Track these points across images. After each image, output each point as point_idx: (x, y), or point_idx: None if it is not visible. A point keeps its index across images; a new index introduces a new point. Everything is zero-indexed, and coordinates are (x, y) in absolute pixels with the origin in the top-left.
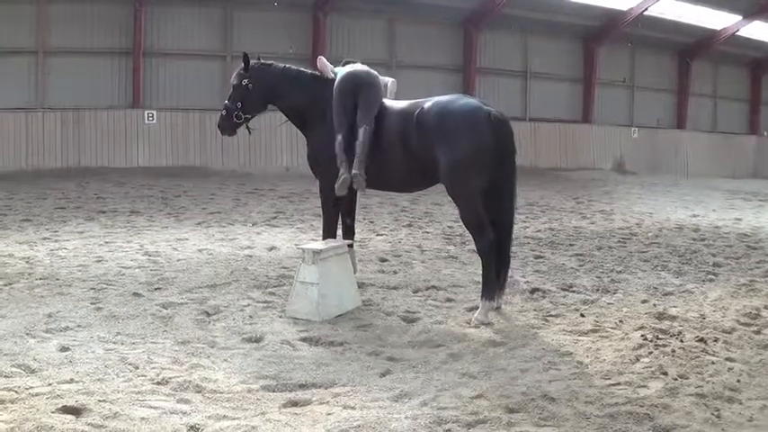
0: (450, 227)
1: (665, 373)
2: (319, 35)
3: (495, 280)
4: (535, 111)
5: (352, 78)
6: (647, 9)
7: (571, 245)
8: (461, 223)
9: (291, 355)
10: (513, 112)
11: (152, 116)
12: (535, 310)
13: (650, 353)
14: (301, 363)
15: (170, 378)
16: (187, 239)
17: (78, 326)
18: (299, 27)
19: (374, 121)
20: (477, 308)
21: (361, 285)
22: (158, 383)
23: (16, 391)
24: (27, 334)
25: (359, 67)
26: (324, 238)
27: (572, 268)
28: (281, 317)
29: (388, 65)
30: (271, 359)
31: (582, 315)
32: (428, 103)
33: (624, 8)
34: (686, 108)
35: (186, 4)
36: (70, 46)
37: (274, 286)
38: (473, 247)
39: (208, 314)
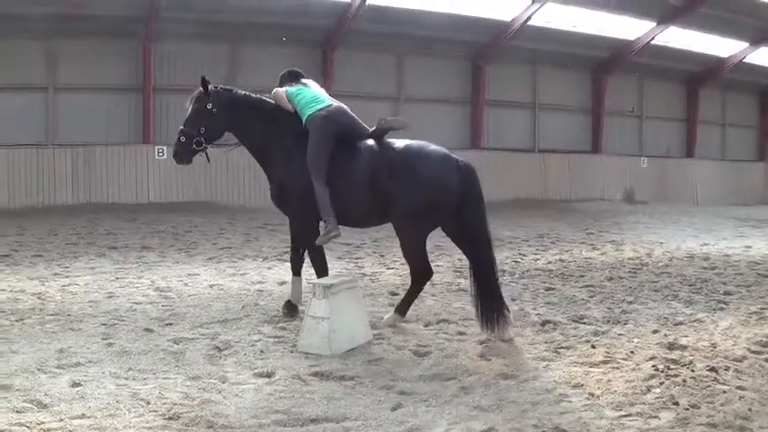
0: (460, 260)
1: (677, 403)
2: (327, 69)
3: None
4: (544, 142)
5: (337, 120)
6: (653, 38)
7: (581, 276)
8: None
9: (303, 389)
10: (523, 143)
11: (162, 152)
12: (546, 342)
13: (661, 383)
14: (312, 397)
15: (181, 413)
16: (198, 275)
17: (90, 361)
18: (307, 62)
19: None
20: (489, 340)
21: (372, 320)
22: (170, 419)
23: (28, 426)
24: (38, 369)
25: (338, 105)
26: (292, 269)
27: (582, 299)
28: (292, 351)
29: (395, 98)
30: (282, 394)
31: (593, 346)
32: (399, 144)
33: (631, 38)
34: (695, 136)
35: (194, 39)
36: (80, 82)
37: (285, 321)
38: None
39: (219, 349)
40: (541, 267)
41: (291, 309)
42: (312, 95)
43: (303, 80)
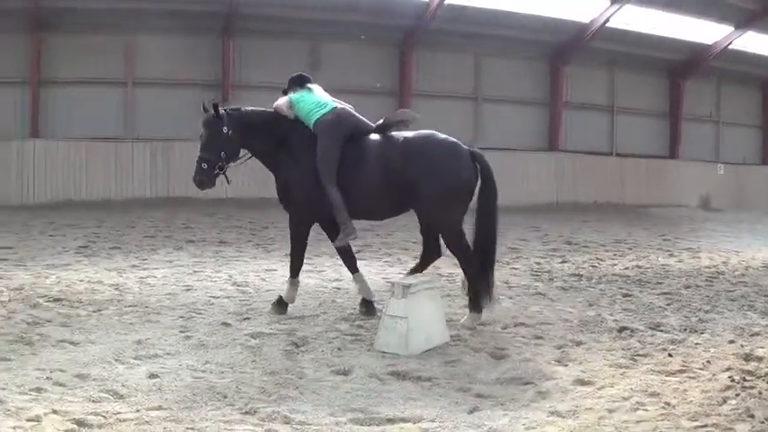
0: (537, 263)
1: (752, 416)
2: (406, 70)
3: (482, 295)
4: (622, 146)
5: (345, 121)
6: (731, 43)
7: (659, 283)
8: (548, 259)
9: (379, 388)
10: (600, 146)
11: None
12: (623, 349)
13: (737, 395)
14: (389, 397)
15: (258, 408)
16: (275, 270)
17: (167, 353)
18: (386, 61)
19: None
20: (566, 345)
21: (449, 321)
22: (246, 413)
23: (104, 416)
24: (116, 360)
25: (342, 107)
26: (291, 268)
27: (660, 307)
28: (369, 350)
29: (473, 98)
30: (359, 392)
31: (669, 355)
32: (409, 135)
33: (709, 42)
34: None
35: (273, 36)
36: (159, 77)
37: (362, 319)
38: (561, 284)
39: (296, 345)
40: (619, 273)
41: (283, 306)
42: (316, 100)
43: (309, 85)
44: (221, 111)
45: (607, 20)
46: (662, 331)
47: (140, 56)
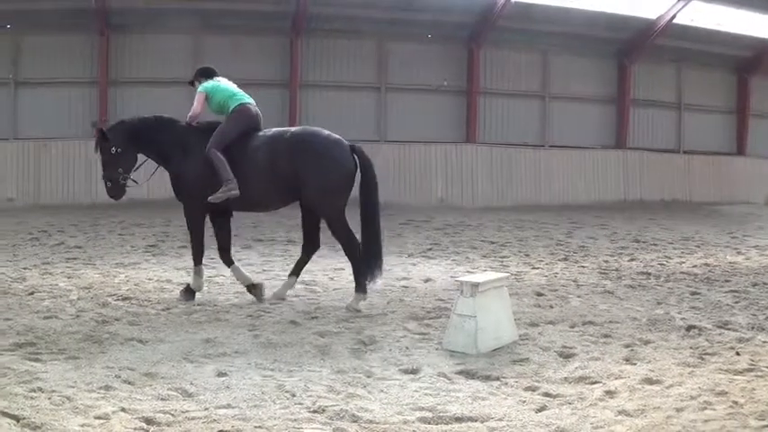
0: (605, 261)
1: None
2: (473, 67)
3: (364, 275)
4: (689, 143)
5: (256, 119)
6: None
7: (726, 281)
8: (616, 257)
9: (448, 387)
10: (668, 144)
11: None
12: (691, 347)
13: None
14: (458, 396)
15: (326, 407)
16: (343, 269)
17: (236, 352)
18: (452, 59)
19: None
20: (634, 344)
21: (517, 319)
22: (315, 412)
23: (173, 414)
24: (184, 358)
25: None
26: (194, 256)
27: (727, 305)
28: (437, 349)
29: (541, 96)
30: (427, 391)
31: (737, 353)
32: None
33: None
34: None
35: (341, 35)
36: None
37: (430, 318)
38: (629, 282)
39: (364, 344)
40: (686, 271)
41: (190, 294)
42: (231, 90)
43: (217, 77)
44: (105, 130)
45: (674, 16)
46: (730, 329)
47: (207, 56)
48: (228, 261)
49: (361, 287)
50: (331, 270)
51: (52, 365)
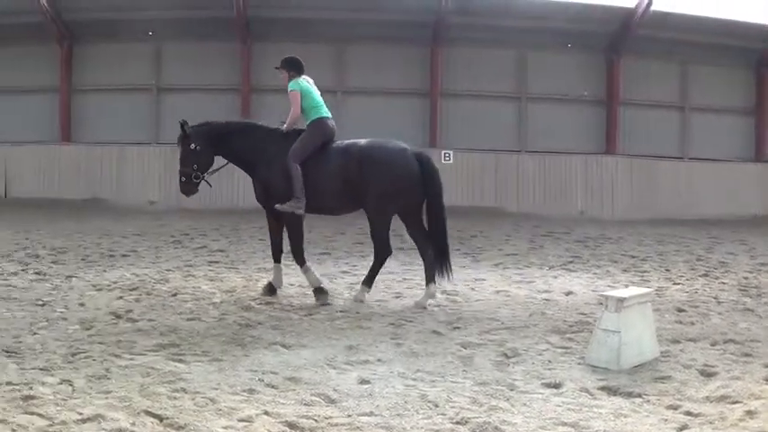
0: (745, 278)
1: None
2: (612, 77)
3: (375, 277)
4: None
5: (332, 133)
6: None
7: None
8: (755, 274)
9: (590, 403)
10: None
11: (448, 156)
12: None
13: None
14: (600, 412)
15: (469, 418)
16: (484, 280)
17: (378, 360)
18: (592, 69)
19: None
20: None
21: (659, 335)
22: (458, 423)
23: (315, 420)
24: (327, 364)
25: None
26: (297, 261)
27: None
28: (579, 363)
29: (679, 107)
30: (570, 406)
31: None
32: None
33: None
34: None
35: (482, 45)
36: (367, 86)
37: (573, 332)
38: None
39: (507, 356)
40: None
41: (271, 290)
42: (317, 100)
43: (306, 76)
44: (188, 129)
45: None
46: None
47: (349, 65)
48: (277, 258)
49: (368, 282)
50: (472, 280)
51: (196, 367)
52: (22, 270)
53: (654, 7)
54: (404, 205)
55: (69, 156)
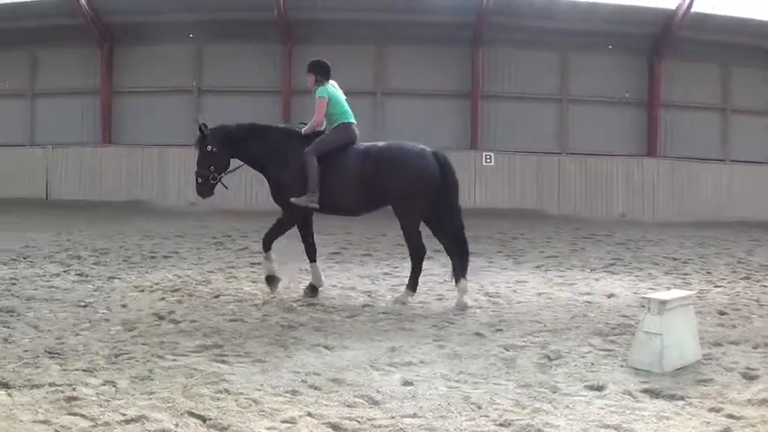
0: None
1: None
2: (654, 79)
3: (418, 279)
4: None
5: (354, 137)
6: None
7: None
8: None
9: (633, 406)
10: None
11: (490, 158)
12: None
13: None
14: (643, 414)
15: (513, 420)
16: (526, 282)
17: (421, 361)
18: (634, 71)
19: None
20: None
21: (700, 338)
22: (501, 425)
23: (359, 421)
24: (370, 366)
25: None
26: (308, 257)
27: None
28: (621, 366)
29: (721, 109)
30: (612, 409)
31: None
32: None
33: None
34: None
35: (524, 46)
36: (407, 87)
37: (615, 334)
38: None
39: (549, 359)
40: None
41: (313, 290)
42: (344, 106)
43: (332, 81)
44: (206, 131)
45: None
46: None
47: (390, 65)
48: (312, 258)
49: (411, 286)
50: (514, 282)
51: (239, 368)
52: (64, 271)
53: (694, 9)
54: (427, 206)
55: (110, 157)
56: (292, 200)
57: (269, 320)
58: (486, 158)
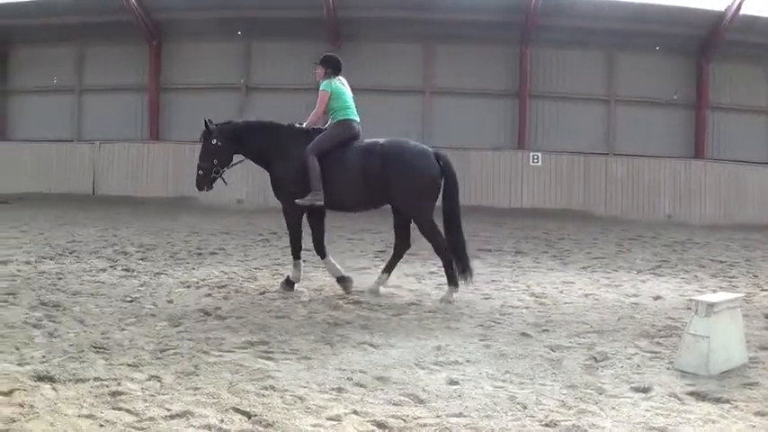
0: None
1: None
2: (702, 81)
3: (455, 271)
4: None
5: (356, 134)
6: None
7: None
8: None
9: (679, 408)
10: None
11: (537, 158)
12: None
13: None
14: (689, 417)
15: (558, 421)
16: (573, 283)
17: (467, 361)
18: (681, 72)
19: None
20: None
21: (747, 341)
22: (547, 425)
23: (404, 420)
24: (416, 364)
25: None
26: (293, 252)
27: None
28: (668, 368)
29: (767, 112)
30: (658, 411)
31: None
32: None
33: None
34: None
35: (570, 46)
36: (455, 86)
37: (661, 336)
38: None
39: (595, 360)
40: None
41: (290, 285)
42: (347, 102)
43: (341, 77)
44: (211, 126)
45: None
46: None
47: (438, 65)
48: (322, 254)
49: (452, 281)
50: (560, 283)
51: (284, 365)
52: (111, 267)
53: (743, 11)
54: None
55: (157, 153)
56: (297, 201)
57: (315, 317)
58: (533, 159)
